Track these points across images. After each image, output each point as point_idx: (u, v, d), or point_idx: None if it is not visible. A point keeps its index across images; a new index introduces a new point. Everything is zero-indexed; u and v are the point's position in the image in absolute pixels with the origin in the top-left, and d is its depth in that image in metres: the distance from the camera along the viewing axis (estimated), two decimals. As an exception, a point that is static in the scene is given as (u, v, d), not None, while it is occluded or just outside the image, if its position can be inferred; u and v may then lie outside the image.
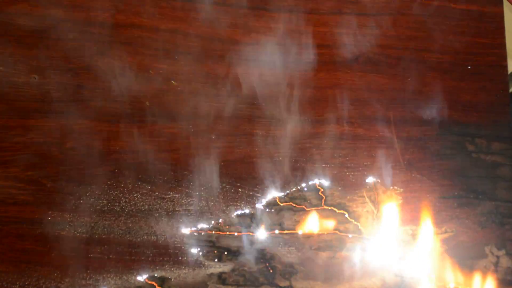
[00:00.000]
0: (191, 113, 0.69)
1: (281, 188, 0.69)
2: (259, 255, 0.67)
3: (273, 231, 0.67)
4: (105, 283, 0.63)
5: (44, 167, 0.65)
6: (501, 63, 0.78)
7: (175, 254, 0.65)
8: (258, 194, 0.68)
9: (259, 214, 0.68)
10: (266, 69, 0.72)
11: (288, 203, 0.69)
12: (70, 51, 0.68)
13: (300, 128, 0.71)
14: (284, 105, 0.71)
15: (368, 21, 0.76)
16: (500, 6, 0.80)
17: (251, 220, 0.67)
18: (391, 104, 0.74)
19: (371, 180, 0.71)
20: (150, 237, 0.65)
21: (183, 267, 0.65)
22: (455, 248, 0.71)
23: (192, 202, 0.67)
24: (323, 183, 0.70)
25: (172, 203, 0.66)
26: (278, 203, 0.68)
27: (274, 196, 0.69)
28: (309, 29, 0.74)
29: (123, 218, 0.65)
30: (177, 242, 0.65)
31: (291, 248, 0.67)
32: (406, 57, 0.76)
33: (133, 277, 0.63)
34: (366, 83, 0.74)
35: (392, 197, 0.71)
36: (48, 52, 0.68)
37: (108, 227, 0.64)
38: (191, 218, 0.66)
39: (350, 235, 0.69)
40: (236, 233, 0.67)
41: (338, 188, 0.70)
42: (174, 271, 0.65)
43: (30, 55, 0.67)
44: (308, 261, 0.67)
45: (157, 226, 0.65)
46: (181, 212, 0.66)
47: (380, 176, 0.72)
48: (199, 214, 0.67)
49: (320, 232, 0.68)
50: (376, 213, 0.70)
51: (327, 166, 0.71)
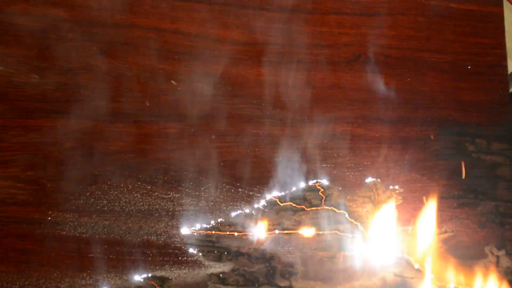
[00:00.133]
0: (191, 113, 0.69)
1: (281, 188, 0.69)
2: (259, 255, 0.67)
3: (273, 231, 0.67)
4: (105, 283, 0.63)
5: (44, 167, 0.65)
6: (501, 63, 0.78)
7: (175, 254, 0.65)
8: (258, 194, 0.68)
9: (259, 214, 0.68)
10: (266, 69, 0.72)
11: (288, 203, 0.69)
12: (70, 51, 0.68)
13: (300, 128, 0.71)
14: (284, 105, 0.71)
15: (368, 21, 0.76)
16: (500, 6, 0.80)
17: (251, 220, 0.67)
18: (391, 104, 0.74)
19: (371, 180, 0.71)
20: (150, 237, 0.65)
21: (183, 267, 0.65)
22: (455, 248, 0.71)
23: (192, 202, 0.67)
24: (323, 183, 0.70)
25: (172, 203, 0.66)
26: (278, 203, 0.68)
27: (274, 196, 0.69)
28: (309, 29, 0.74)
29: (123, 218, 0.65)
30: (177, 242, 0.65)
31: (291, 248, 0.67)
32: (406, 57, 0.76)
33: (133, 277, 0.63)
34: (366, 83, 0.74)
35: (392, 197, 0.71)
36: (48, 52, 0.68)
37: (108, 227, 0.64)
38: (191, 218, 0.66)
39: (350, 235, 0.69)
40: (236, 233, 0.67)
41: (338, 188, 0.70)
42: (174, 271, 0.64)
43: (30, 55, 0.67)
44: (308, 261, 0.67)
45: (157, 226, 0.65)
46: (181, 212, 0.66)
47: (380, 176, 0.72)
48: (199, 214, 0.67)
49: (320, 232, 0.68)
50: (376, 213, 0.70)
51: (327, 166, 0.71)
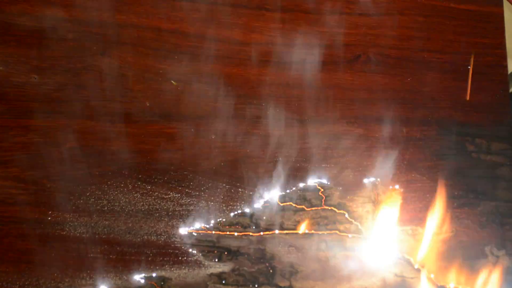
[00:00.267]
0: (191, 113, 0.69)
1: (281, 188, 0.69)
2: (259, 255, 0.67)
3: (273, 231, 0.67)
4: (105, 283, 0.63)
5: (44, 167, 0.65)
6: (501, 63, 0.78)
7: (175, 254, 0.65)
8: (258, 194, 0.68)
9: (259, 214, 0.68)
10: (266, 69, 0.72)
11: (288, 203, 0.69)
12: (70, 51, 0.68)
13: (300, 128, 0.71)
14: (284, 105, 0.71)
15: (368, 21, 0.76)
16: (500, 6, 0.80)
17: (251, 220, 0.67)
18: (391, 104, 0.74)
19: (371, 180, 0.71)
20: (150, 237, 0.65)
21: (183, 267, 0.65)
22: (455, 248, 0.71)
23: (192, 202, 0.67)
24: (323, 183, 0.70)
25: (172, 203, 0.66)
26: (278, 203, 0.68)
27: (274, 196, 0.69)
28: (309, 29, 0.74)
29: (123, 218, 0.65)
30: (177, 242, 0.65)
31: (291, 248, 0.67)
32: (406, 57, 0.76)
33: (133, 277, 0.63)
34: (366, 83, 0.74)
35: (392, 197, 0.71)
36: (48, 52, 0.68)
37: (108, 227, 0.64)
38: (191, 218, 0.66)
39: (350, 235, 0.69)
40: (236, 233, 0.67)
41: (338, 188, 0.70)
42: (174, 271, 0.64)
43: (30, 55, 0.67)
44: (308, 261, 0.67)
45: (157, 226, 0.65)
46: (181, 212, 0.66)
47: (380, 176, 0.72)
48: (199, 214, 0.67)
49: (320, 232, 0.68)
50: (376, 213, 0.70)
51: (327, 166, 0.71)
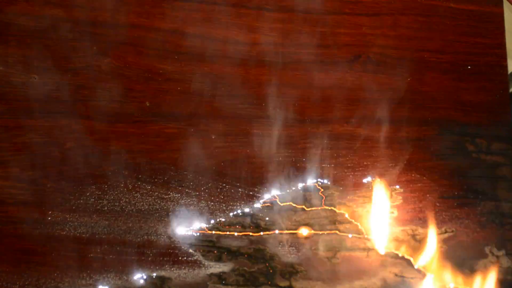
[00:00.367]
0: (191, 113, 0.69)
1: (281, 188, 0.69)
2: (259, 255, 0.67)
3: (273, 231, 0.67)
4: (105, 283, 0.63)
5: (44, 167, 0.65)
6: (501, 63, 0.78)
7: (175, 254, 0.65)
8: (258, 194, 0.68)
9: (259, 214, 0.68)
10: (266, 69, 0.72)
11: (288, 203, 0.69)
12: (70, 51, 0.68)
13: (300, 128, 0.71)
14: (284, 105, 0.71)
15: (368, 21, 0.76)
16: (500, 6, 0.80)
17: (251, 220, 0.67)
18: (391, 104, 0.74)
19: (371, 180, 0.71)
20: (150, 237, 0.65)
21: (183, 267, 0.65)
22: (455, 248, 0.71)
23: (192, 202, 0.67)
24: (323, 183, 0.70)
25: (172, 203, 0.66)
26: (278, 203, 0.68)
27: (274, 196, 0.69)
28: (309, 29, 0.74)
29: (123, 218, 0.65)
30: (177, 242, 0.65)
31: (291, 248, 0.67)
32: (406, 57, 0.76)
33: (133, 277, 0.63)
34: (366, 83, 0.74)
35: (392, 197, 0.71)
36: (48, 52, 0.68)
37: (108, 227, 0.64)
38: (191, 218, 0.66)
39: (350, 235, 0.69)
40: (236, 233, 0.67)
41: (338, 188, 0.70)
42: (174, 271, 0.64)
43: (30, 55, 0.67)
44: (308, 261, 0.67)
45: (157, 226, 0.65)
46: (181, 212, 0.66)
47: (380, 176, 0.72)
48: (199, 214, 0.67)
49: (320, 232, 0.68)
50: (376, 213, 0.70)
51: (327, 166, 0.71)
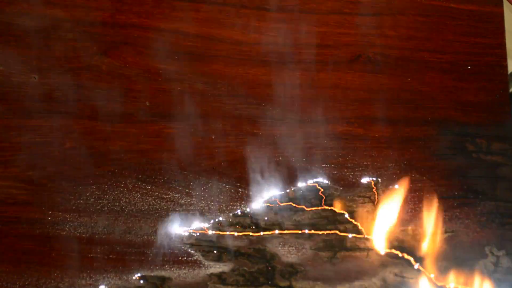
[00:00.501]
0: (191, 113, 0.69)
1: (281, 188, 0.69)
2: (259, 255, 0.67)
3: (273, 231, 0.67)
4: (105, 283, 0.63)
5: (44, 167, 0.65)
6: (501, 63, 0.78)
7: (175, 254, 0.65)
8: (258, 194, 0.68)
9: (259, 214, 0.68)
10: (266, 69, 0.72)
11: (288, 203, 0.69)
12: (70, 51, 0.68)
13: (300, 128, 0.71)
14: (284, 105, 0.71)
15: (368, 21, 0.76)
16: (500, 6, 0.80)
17: (250, 220, 0.67)
18: (391, 104, 0.74)
19: (371, 180, 0.71)
20: (150, 237, 0.65)
21: (183, 267, 0.65)
22: (455, 248, 0.71)
23: (192, 202, 0.67)
24: (323, 183, 0.70)
25: (172, 203, 0.66)
26: (278, 203, 0.68)
27: (274, 196, 0.69)
28: (309, 29, 0.74)
29: (123, 218, 0.65)
30: (177, 242, 0.65)
31: (291, 248, 0.67)
32: (406, 57, 0.76)
33: (133, 277, 0.63)
34: (366, 83, 0.74)
35: (392, 197, 0.71)
36: (48, 52, 0.68)
37: (108, 227, 0.64)
38: (191, 218, 0.66)
39: (350, 235, 0.69)
40: (236, 233, 0.67)
41: (338, 188, 0.70)
42: (174, 271, 0.65)
43: (30, 55, 0.67)
44: (308, 261, 0.67)
45: (157, 226, 0.65)
46: (181, 212, 0.66)
47: (380, 176, 0.72)
48: (199, 214, 0.67)
49: (320, 232, 0.68)
50: (376, 213, 0.70)
51: (327, 166, 0.71)
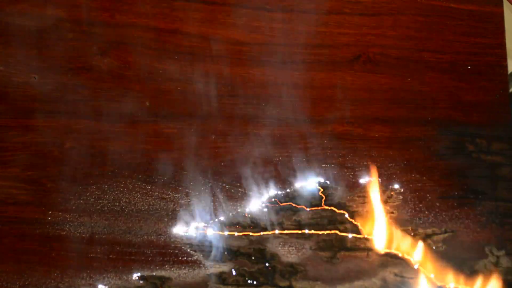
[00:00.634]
0: (191, 113, 0.69)
1: (281, 188, 0.69)
2: (259, 255, 0.67)
3: (273, 231, 0.67)
4: (105, 283, 0.63)
5: (44, 167, 0.65)
6: (501, 63, 0.78)
7: (175, 254, 0.65)
8: (258, 194, 0.68)
9: (259, 214, 0.68)
10: (266, 69, 0.72)
11: (288, 203, 0.69)
12: (70, 51, 0.68)
13: (300, 128, 0.71)
14: (284, 105, 0.71)
15: (368, 21, 0.76)
16: (500, 6, 0.80)
17: (250, 220, 0.67)
18: (391, 104, 0.74)
19: (371, 180, 0.71)
20: (150, 237, 0.65)
21: (183, 267, 0.65)
22: (455, 248, 0.71)
23: (192, 202, 0.67)
24: (323, 183, 0.70)
25: (172, 203, 0.66)
26: (278, 203, 0.68)
27: (274, 196, 0.69)
28: (309, 29, 0.74)
29: (123, 218, 0.65)
30: (177, 242, 0.65)
31: (291, 248, 0.67)
32: (406, 57, 0.76)
33: (133, 277, 0.64)
34: (366, 83, 0.74)
35: (392, 197, 0.71)
36: (48, 52, 0.68)
37: (108, 227, 0.64)
38: (191, 218, 0.66)
39: (350, 235, 0.69)
40: (236, 233, 0.67)
41: (338, 188, 0.70)
42: (174, 271, 0.65)
43: (30, 55, 0.67)
44: (308, 261, 0.67)
45: (157, 226, 0.65)
46: (181, 212, 0.66)
47: (380, 176, 0.72)
48: (199, 214, 0.67)
49: (320, 232, 0.68)
50: (376, 213, 0.70)
51: (327, 166, 0.71)
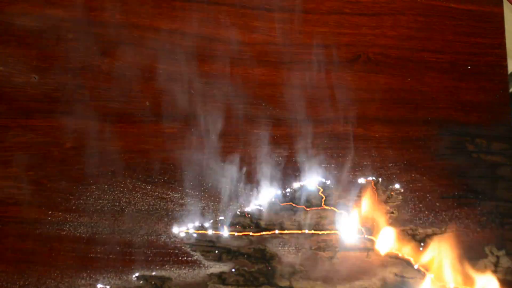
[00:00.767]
0: (191, 113, 0.69)
1: (281, 188, 0.69)
2: (259, 255, 0.67)
3: (273, 231, 0.67)
4: (105, 283, 0.63)
5: (44, 167, 0.65)
6: (501, 63, 0.78)
7: (175, 254, 0.65)
8: (258, 194, 0.68)
9: (259, 214, 0.68)
10: (266, 69, 0.72)
11: (288, 203, 0.69)
12: (70, 51, 0.68)
13: (300, 128, 0.71)
14: (284, 105, 0.71)
15: (368, 21, 0.76)
16: (500, 6, 0.80)
17: (251, 220, 0.67)
18: (391, 104, 0.74)
19: (371, 180, 0.71)
20: (150, 237, 0.65)
21: (183, 267, 0.65)
22: (455, 248, 0.71)
23: (192, 202, 0.67)
24: (323, 183, 0.70)
25: (172, 203, 0.66)
26: (278, 203, 0.68)
27: (274, 196, 0.69)
28: (309, 29, 0.74)
29: (123, 218, 0.65)
30: (177, 242, 0.65)
31: (291, 248, 0.67)
32: (406, 57, 0.76)
33: (133, 277, 0.64)
34: (366, 83, 0.74)
35: (392, 197, 0.71)
36: (48, 52, 0.68)
37: (108, 227, 0.64)
38: (191, 218, 0.66)
39: (350, 235, 0.69)
40: (236, 233, 0.67)
41: (338, 188, 0.70)
42: (174, 271, 0.65)
43: (30, 55, 0.67)
44: (308, 261, 0.67)
45: (157, 226, 0.65)
46: (181, 212, 0.66)
47: (380, 176, 0.72)
48: (199, 214, 0.67)
49: (320, 232, 0.68)
50: (376, 213, 0.70)
51: (327, 166, 0.71)
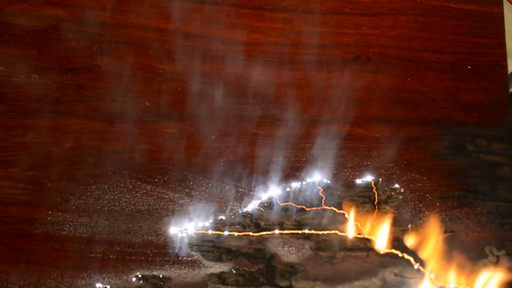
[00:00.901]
0: (191, 113, 0.69)
1: (281, 188, 0.69)
2: (259, 255, 0.67)
3: (273, 231, 0.67)
4: (105, 283, 0.63)
5: (44, 167, 0.65)
6: (501, 63, 0.78)
7: (175, 254, 0.65)
8: (258, 194, 0.68)
9: (259, 214, 0.68)
10: (266, 69, 0.72)
11: (288, 203, 0.69)
12: (70, 51, 0.68)
13: (300, 128, 0.71)
14: (284, 105, 0.71)
15: (368, 21, 0.76)
16: (500, 6, 0.80)
17: (251, 220, 0.67)
18: (391, 104, 0.74)
19: (371, 180, 0.71)
20: (150, 237, 0.65)
21: (183, 267, 0.65)
22: (455, 248, 0.71)
23: (192, 202, 0.67)
24: (323, 183, 0.70)
25: (172, 203, 0.66)
26: (278, 203, 0.68)
27: (274, 196, 0.69)
28: (309, 29, 0.74)
29: (123, 218, 0.65)
30: (177, 242, 0.65)
31: (291, 248, 0.67)
32: (406, 57, 0.76)
33: (133, 277, 0.64)
34: (366, 83, 0.74)
35: (392, 197, 0.71)
36: (48, 52, 0.68)
37: (108, 227, 0.64)
38: (191, 218, 0.66)
39: (350, 235, 0.69)
40: (236, 233, 0.67)
41: (338, 188, 0.70)
42: (174, 271, 0.65)
43: (30, 55, 0.67)
44: (308, 261, 0.67)
45: (157, 226, 0.65)
46: (181, 212, 0.66)
47: (380, 176, 0.72)
48: (199, 214, 0.67)
49: (320, 232, 0.68)
50: (376, 213, 0.70)
51: (327, 166, 0.71)
